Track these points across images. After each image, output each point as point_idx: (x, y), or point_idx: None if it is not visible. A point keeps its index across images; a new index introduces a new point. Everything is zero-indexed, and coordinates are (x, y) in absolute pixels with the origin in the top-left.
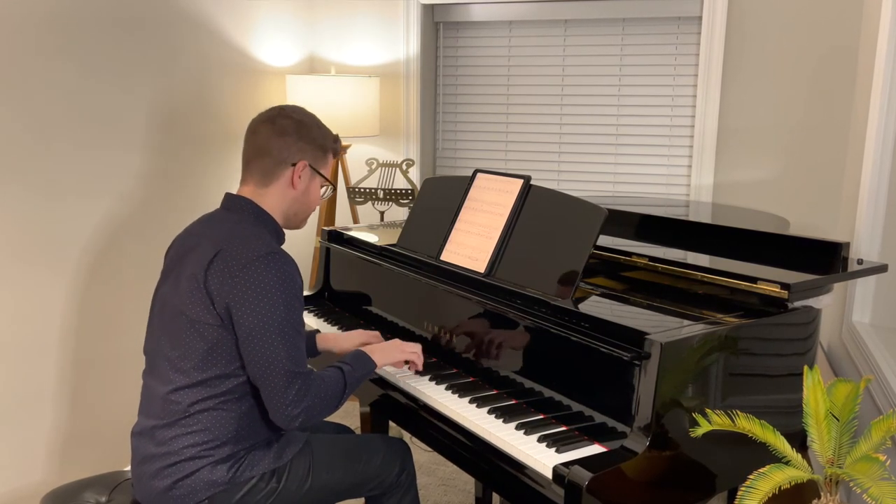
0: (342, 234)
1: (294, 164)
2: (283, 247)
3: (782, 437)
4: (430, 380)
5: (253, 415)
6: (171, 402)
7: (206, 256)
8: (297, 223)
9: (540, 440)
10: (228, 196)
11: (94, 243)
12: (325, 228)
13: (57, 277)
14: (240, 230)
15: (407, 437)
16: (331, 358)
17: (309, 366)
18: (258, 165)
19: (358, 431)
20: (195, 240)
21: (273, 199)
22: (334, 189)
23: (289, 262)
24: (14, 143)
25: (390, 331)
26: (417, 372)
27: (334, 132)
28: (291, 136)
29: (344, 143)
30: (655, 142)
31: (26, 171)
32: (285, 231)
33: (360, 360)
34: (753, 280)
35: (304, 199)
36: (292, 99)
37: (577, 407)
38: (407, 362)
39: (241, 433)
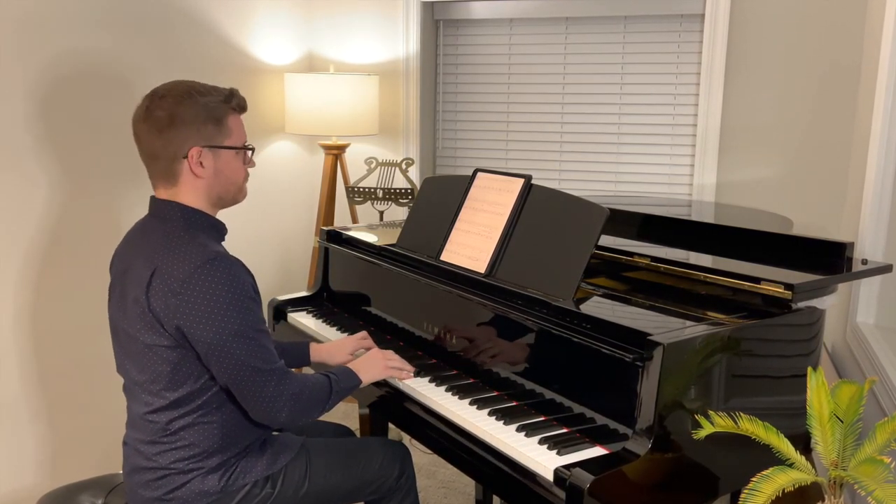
0: (341, 233)
1: (186, 156)
2: (281, 244)
3: (786, 439)
4: (430, 381)
5: (236, 420)
6: (150, 422)
7: (144, 277)
8: (231, 200)
9: (541, 442)
10: (154, 201)
11: (91, 234)
12: (324, 228)
13: (44, 274)
14: (171, 242)
15: (406, 439)
16: (323, 369)
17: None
18: (155, 170)
19: (357, 433)
20: (131, 256)
21: (189, 195)
22: (252, 149)
23: (230, 264)
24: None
25: (390, 332)
26: (417, 374)
27: (332, 130)
28: (169, 130)
29: (343, 142)
30: (657, 141)
31: (12, 168)
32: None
33: (347, 374)
34: (756, 280)
35: (219, 180)
36: (290, 97)
37: (578, 409)
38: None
39: (227, 440)
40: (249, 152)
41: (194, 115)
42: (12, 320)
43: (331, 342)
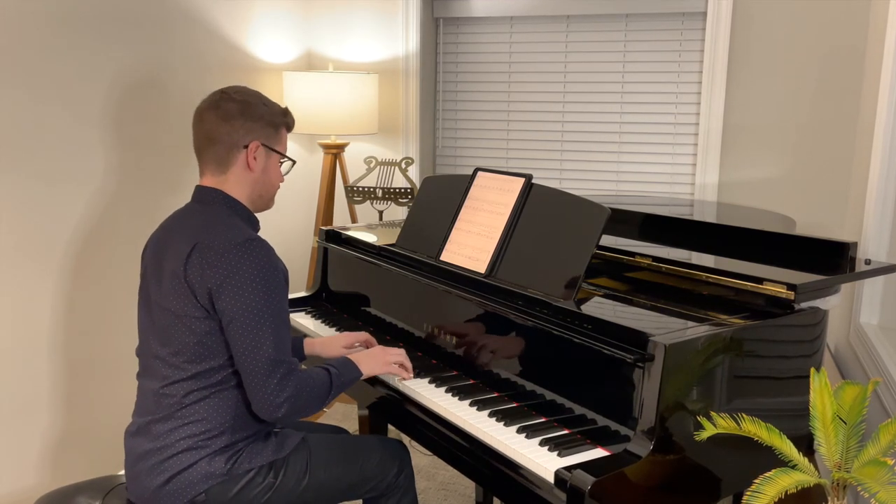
0: (340, 233)
1: (246, 147)
2: (280, 244)
3: (789, 441)
4: (430, 382)
5: (249, 404)
6: (165, 396)
7: (184, 251)
8: (264, 204)
9: (542, 444)
10: (199, 188)
11: (86, 240)
12: (323, 228)
13: (44, 277)
14: (213, 221)
15: (406, 440)
16: (318, 363)
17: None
18: (211, 155)
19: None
20: (170, 237)
21: (234, 185)
22: (293, 162)
23: (267, 249)
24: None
25: (389, 332)
26: (417, 374)
27: (331, 129)
28: (238, 119)
29: (342, 140)
30: (659, 140)
31: (9, 168)
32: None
33: (347, 366)
34: (759, 281)
35: (265, 179)
36: (289, 96)
37: (579, 410)
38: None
39: (237, 423)
40: (289, 164)
41: (262, 114)
42: (12, 321)
43: (325, 336)
